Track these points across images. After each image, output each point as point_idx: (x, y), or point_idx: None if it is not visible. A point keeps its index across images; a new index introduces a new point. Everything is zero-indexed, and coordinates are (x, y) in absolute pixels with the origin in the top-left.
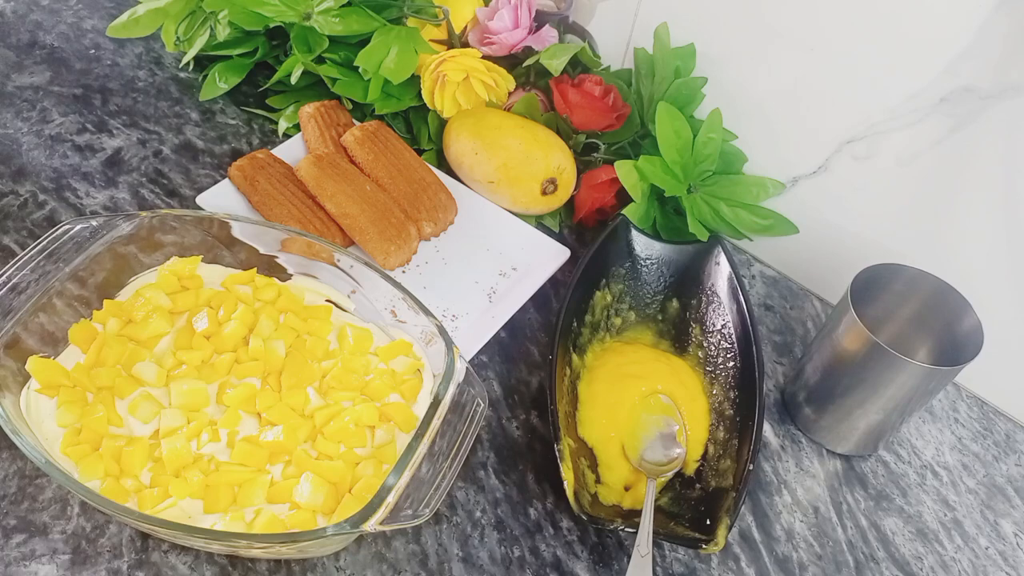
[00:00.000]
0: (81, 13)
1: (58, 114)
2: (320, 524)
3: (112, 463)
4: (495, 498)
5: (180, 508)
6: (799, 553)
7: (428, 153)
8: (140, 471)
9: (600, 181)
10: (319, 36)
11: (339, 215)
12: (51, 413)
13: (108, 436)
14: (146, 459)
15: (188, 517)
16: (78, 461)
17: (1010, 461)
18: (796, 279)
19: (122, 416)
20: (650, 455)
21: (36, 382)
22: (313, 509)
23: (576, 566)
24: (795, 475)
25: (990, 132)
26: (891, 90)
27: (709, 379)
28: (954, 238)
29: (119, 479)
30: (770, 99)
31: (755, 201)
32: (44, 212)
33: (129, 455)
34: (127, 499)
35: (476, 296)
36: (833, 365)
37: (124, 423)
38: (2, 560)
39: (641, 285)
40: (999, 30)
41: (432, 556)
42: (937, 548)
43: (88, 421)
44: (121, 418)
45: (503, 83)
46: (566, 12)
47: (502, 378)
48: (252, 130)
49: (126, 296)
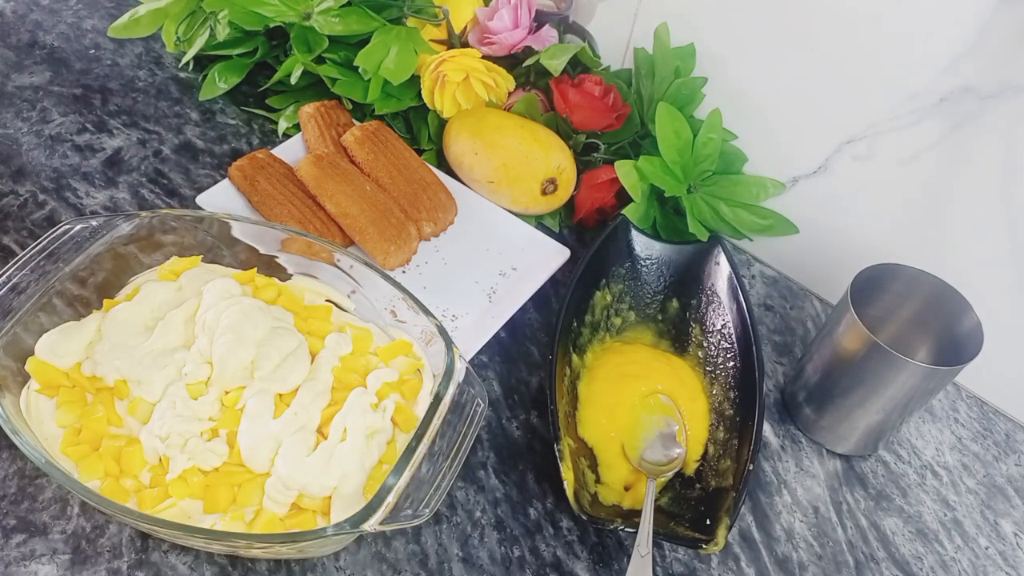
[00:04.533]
0: (81, 13)
1: (58, 114)
2: (320, 524)
3: (112, 463)
4: (495, 498)
5: (180, 508)
6: (799, 553)
7: (428, 153)
8: (140, 471)
9: (600, 181)
10: (319, 36)
11: (339, 215)
12: (51, 413)
13: (108, 436)
14: (145, 459)
15: (188, 517)
16: (78, 461)
17: (1010, 461)
18: (796, 279)
19: (121, 416)
20: (650, 455)
21: (36, 382)
22: (313, 509)
23: (576, 566)
24: (795, 475)
25: (990, 132)
26: (891, 90)
27: (709, 379)
28: (954, 238)
29: (119, 479)
30: (770, 99)
31: (755, 201)
32: (44, 212)
33: (129, 455)
34: (127, 499)
35: (476, 296)
36: (833, 365)
37: (124, 423)
38: (2, 560)
39: (641, 285)
40: (999, 30)
41: (432, 556)
42: (937, 548)
43: (88, 421)
44: (120, 418)
45: (503, 83)
46: (566, 12)
47: (502, 378)
48: (252, 130)
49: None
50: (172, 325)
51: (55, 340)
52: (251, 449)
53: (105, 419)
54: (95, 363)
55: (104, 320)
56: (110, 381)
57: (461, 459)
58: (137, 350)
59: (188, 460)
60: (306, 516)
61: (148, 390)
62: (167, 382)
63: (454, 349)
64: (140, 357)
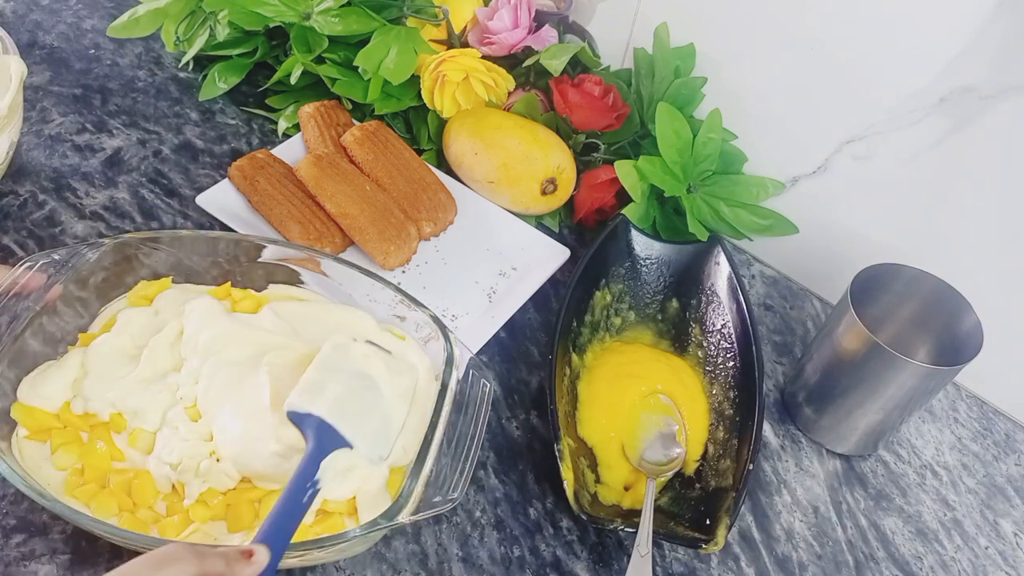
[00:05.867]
0: (81, 13)
1: (58, 114)
2: (348, 526)
3: (124, 497)
4: (495, 498)
5: (204, 532)
6: (799, 553)
7: (428, 153)
8: (154, 501)
9: (600, 181)
10: (319, 36)
11: (339, 215)
12: (46, 458)
13: (113, 472)
14: (158, 489)
15: (214, 539)
16: (88, 501)
17: (1010, 461)
18: (796, 279)
19: (122, 450)
20: (650, 455)
21: (24, 428)
22: (340, 512)
23: (576, 566)
24: (795, 475)
25: (990, 132)
26: (891, 90)
27: (709, 379)
28: (954, 238)
29: (134, 512)
30: (770, 99)
31: (755, 201)
32: (44, 212)
33: (139, 487)
34: (148, 530)
35: (476, 296)
36: (833, 365)
37: (126, 456)
38: (2, 560)
39: (641, 285)
40: (999, 30)
41: (432, 556)
42: (937, 548)
43: (90, 460)
44: (122, 452)
45: (503, 83)
46: (566, 12)
47: (502, 378)
48: (252, 130)
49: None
50: (158, 350)
51: (37, 382)
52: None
53: (108, 454)
54: (85, 399)
55: (86, 355)
56: (104, 416)
57: (479, 439)
58: (127, 380)
59: (204, 483)
60: (333, 519)
61: (146, 419)
62: (164, 408)
63: (451, 337)
64: (132, 387)
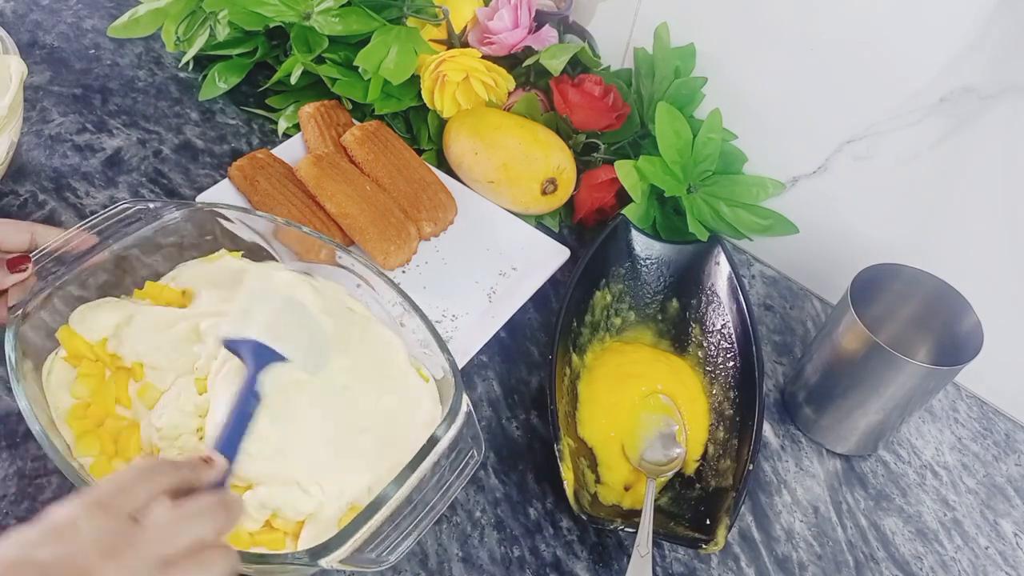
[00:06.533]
0: (81, 13)
1: (58, 114)
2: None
3: (109, 443)
4: (495, 498)
5: None
6: (799, 553)
7: (428, 153)
8: (133, 456)
9: (600, 181)
10: (319, 36)
11: (339, 215)
12: (68, 382)
13: (113, 416)
14: (141, 446)
15: None
16: (78, 434)
17: (1010, 461)
18: (796, 279)
19: (131, 398)
20: (650, 455)
21: (63, 350)
22: (285, 531)
23: (576, 566)
24: (795, 475)
25: (990, 132)
26: (891, 90)
27: (709, 379)
28: (954, 238)
29: (112, 459)
30: (770, 99)
31: (755, 201)
32: (44, 212)
33: (126, 438)
34: None
35: (476, 296)
36: (833, 365)
37: (132, 405)
38: None
39: (641, 285)
40: (999, 30)
41: (432, 556)
42: (937, 548)
43: (99, 397)
44: (130, 400)
45: (503, 83)
46: (566, 12)
47: (502, 378)
48: (252, 130)
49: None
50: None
51: (89, 313)
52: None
53: (113, 397)
54: (119, 341)
55: (140, 306)
56: (128, 361)
57: (439, 511)
58: (160, 336)
59: (177, 455)
60: (276, 536)
61: (160, 377)
62: (179, 372)
63: (462, 393)
64: (160, 343)
